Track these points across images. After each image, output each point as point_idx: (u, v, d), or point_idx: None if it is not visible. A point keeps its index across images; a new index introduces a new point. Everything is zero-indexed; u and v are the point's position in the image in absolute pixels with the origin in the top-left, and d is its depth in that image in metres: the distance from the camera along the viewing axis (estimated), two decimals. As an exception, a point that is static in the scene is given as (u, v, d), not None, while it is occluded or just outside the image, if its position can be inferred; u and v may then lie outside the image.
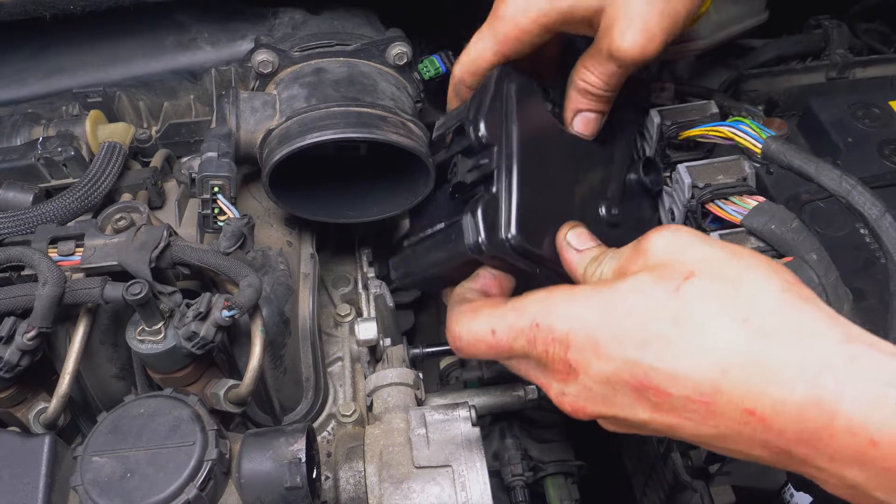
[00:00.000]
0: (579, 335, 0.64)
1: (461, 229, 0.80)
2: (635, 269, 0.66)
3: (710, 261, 0.63)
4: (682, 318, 0.60)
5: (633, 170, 0.96)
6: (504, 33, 0.86)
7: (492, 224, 0.78)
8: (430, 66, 1.09)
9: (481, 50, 0.88)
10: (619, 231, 0.89)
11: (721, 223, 0.88)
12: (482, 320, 0.73)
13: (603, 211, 0.89)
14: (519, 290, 0.82)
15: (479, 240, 0.78)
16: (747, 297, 0.60)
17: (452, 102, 0.95)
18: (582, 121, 0.90)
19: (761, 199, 0.85)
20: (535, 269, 0.80)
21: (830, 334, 0.57)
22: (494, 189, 0.80)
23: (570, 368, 0.66)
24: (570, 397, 0.68)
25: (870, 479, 0.54)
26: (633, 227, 0.88)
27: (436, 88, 1.15)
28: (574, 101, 0.89)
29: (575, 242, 0.77)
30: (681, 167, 0.92)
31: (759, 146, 0.84)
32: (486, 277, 0.82)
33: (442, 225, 0.86)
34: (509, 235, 0.77)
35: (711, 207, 0.88)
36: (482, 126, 0.82)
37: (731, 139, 0.88)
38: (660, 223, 0.98)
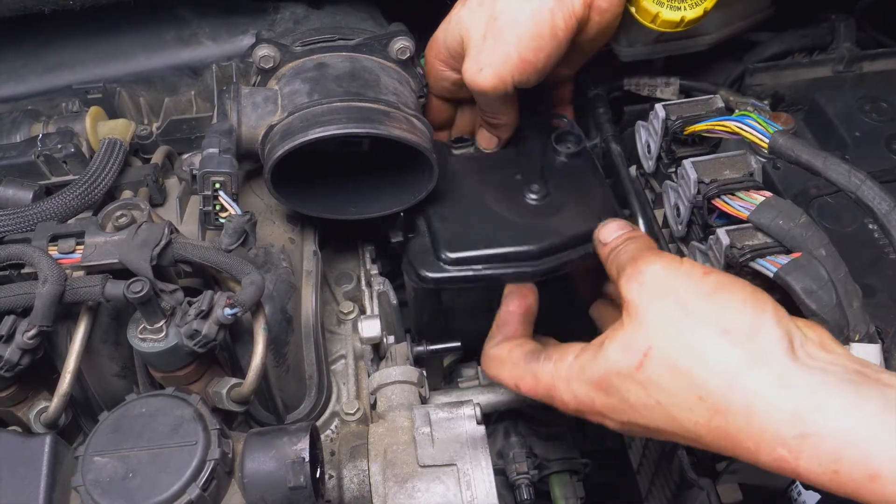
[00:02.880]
0: (584, 406, 0.76)
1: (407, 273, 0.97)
2: (624, 298, 0.74)
3: (667, 329, 0.70)
4: (650, 392, 0.70)
5: (552, 150, 1.04)
6: (433, 79, 1.03)
7: (425, 256, 0.94)
8: None
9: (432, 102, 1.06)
10: (558, 197, 0.99)
11: (728, 219, 0.87)
12: (508, 374, 0.86)
13: (531, 196, 0.99)
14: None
15: (421, 274, 0.94)
16: (699, 375, 0.67)
17: None
18: (481, 136, 1.06)
19: (768, 194, 0.84)
20: (482, 272, 0.93)
21: (780, 407, 0.63)
22: (420, 231, 0.97)
23: (587, 419, 0.78)
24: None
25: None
26: (578, 189, 1.00)
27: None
28: (479, 118, 1.05)
29: (604, 238, 0.86)
30: (686, 162, 0.91)
31: (766, 141, 0.83)
32: (507, 325, 0.93)
33: None
34: (443, 255, 0.93)
35: (718, 203, 0.88)
36: None
37: (737, 134, 0.87)
38: (602, 183, 1.04)
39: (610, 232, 0.85)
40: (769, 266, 0.79)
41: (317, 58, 0.97)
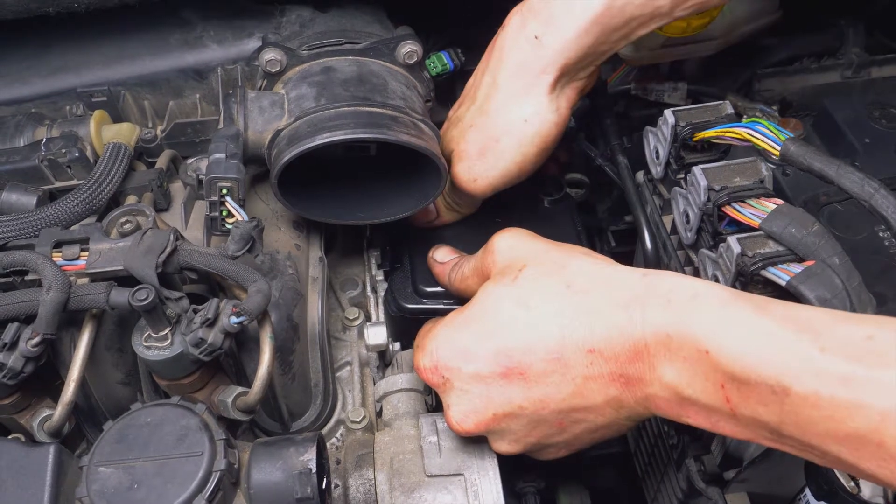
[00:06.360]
0: (445, 349, 0.79)
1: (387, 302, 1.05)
2: (487, 265, 0.83)
3: (537, 252, 0.80)
4: (522, 299, 0.76)
5: (534, 196, 1.11)
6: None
7: (404, 288, 1.03)
8: (438, 62, 1.07)
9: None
10: None
11: (738, 226, 0.86)
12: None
13: None
14: None
15: (399, 303, 1.02)
16: (568, 271, 0.76)
17: None
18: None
19: (780, 201, 0.83)
20: (453, 306, 0.94)
21: (632, 276, 0.73)
22: (404, 264, 1.05)
23: (444, 379, 0.79)
24: (453, 409, 0.80)
25: (678, 374, 0.66)
26: (555, 235, 0.98)
27: (444, 85, 1.13)
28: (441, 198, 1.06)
29: (439, 258, 0.97)
30: (696, 169, 0.90)
31: (778, 148, 0.82)
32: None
33: None
34: (419, 289, 1.01)
35: (728, 210, 0.86)
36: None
37: (747, 141, 0.86)
38: (578, 225, 1.11)
39: (445, 253, 0.97)
40: (781, 275, 0.78)
41: (323, 61, 0.96)
